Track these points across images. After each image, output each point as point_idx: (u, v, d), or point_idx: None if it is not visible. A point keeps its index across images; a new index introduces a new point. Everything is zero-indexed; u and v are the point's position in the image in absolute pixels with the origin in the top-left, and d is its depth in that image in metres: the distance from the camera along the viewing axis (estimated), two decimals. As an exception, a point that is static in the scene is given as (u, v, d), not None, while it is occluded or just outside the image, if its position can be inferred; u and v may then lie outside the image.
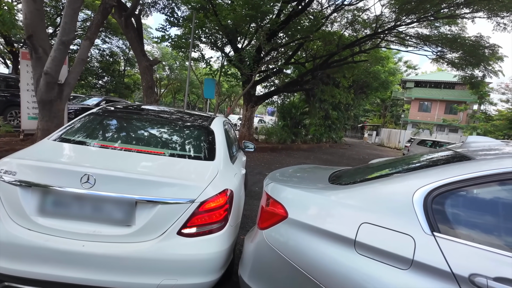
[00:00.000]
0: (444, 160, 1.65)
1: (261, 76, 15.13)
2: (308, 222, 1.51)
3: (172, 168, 2.04)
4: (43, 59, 6.08)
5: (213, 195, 1.84)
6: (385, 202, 1.42)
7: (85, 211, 1.76)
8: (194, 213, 1.78)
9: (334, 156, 15.32)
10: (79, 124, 2.53)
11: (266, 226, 1.69)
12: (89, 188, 1.71)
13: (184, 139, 2.57)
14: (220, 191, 1.91)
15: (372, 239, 1.35)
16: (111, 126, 2.66)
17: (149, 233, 1.73)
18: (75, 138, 2.32)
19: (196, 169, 2.10)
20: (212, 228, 1.85)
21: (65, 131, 2.41)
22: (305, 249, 1.48)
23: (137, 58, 9.08)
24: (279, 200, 1.68)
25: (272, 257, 1.60)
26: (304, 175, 2.26)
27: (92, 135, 2.43)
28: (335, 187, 1.70)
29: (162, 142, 2.45)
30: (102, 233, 1.72)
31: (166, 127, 2.69)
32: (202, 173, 2.04)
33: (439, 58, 15.25)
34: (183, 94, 37.36)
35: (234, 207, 2.11)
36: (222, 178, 2.09)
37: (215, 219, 1.85)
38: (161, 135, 2.57)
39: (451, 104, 35.18)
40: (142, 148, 2.26)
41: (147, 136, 2.53)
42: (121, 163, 2.01)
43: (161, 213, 1.74)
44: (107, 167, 1.82)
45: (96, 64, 24.76)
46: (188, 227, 1.77)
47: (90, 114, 2.70)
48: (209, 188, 1.86)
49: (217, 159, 2.28)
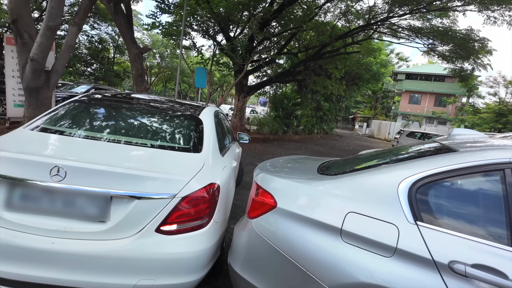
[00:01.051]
0: (429, 151, 1.69)
1: (254, 66, 15.02)
2: (297, 212, 1.54)
3: (153, 161, 1.93)
4: (28, 45, 5.90)
5: (196, 190, 1.74)
6: (371, 192, 1.45)
7: (55, 206, 1.65)
8: (174, 209, 1.68)
9: (325, 147, 15.45)
10: (59, 112, 2.38)
11: (255, 215, 1.72)
12: (59, 181, 1.59)
13: (170, 130, 2.42)
14: (205, 185, 1.81)
15: (358, 228, 1.38)
16: (92, 115, 2.50)
17: (125, 230, 1.63)
18: (52, 127, 2.17)
19: (181, 161, 1.99)
20: (195, 225, 1.75)
21: (43, 120, 2.26)
22: (293, 237, 1.51)
23: (127, 45, 8.89)
24: (268, 190, 1.70)
25: (261, 246, 1.63)
26: (294, 165, 2.29)
27: (71, 124, 2.27)
28: (323, 177, 1.73)
29: (146, 132, 2.31)
30: (74, 230, 1.61)
31: (152, 117, 2.54)
32: (186, 165, 1.93)
33: (430, 50, 15.37)
34: (174, 83, 36.85)
35: (221, 202, 2.00)
36: (209, 171, 1.98)
37: (198, 215, 1.76)
38: (145, 125, 2.43)
39: (440, 96, 35.67)
40: (123, 138, 2.12)
41: (131, 126, 2.37)
42: (97, 154, 1.88)
43: (138, 208, 1.64)
44: (80, 159, 1.71)
45: (84, 51, 24.18)
46: (168, 224, 1.68)
47: (72, 101, 2.54)
48: (192, 182, 1.75)
49: (204, 151, 2.17)
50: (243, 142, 4.50)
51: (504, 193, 1.25)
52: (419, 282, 1.21)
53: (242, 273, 1.69)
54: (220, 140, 2.72)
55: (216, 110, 3.17)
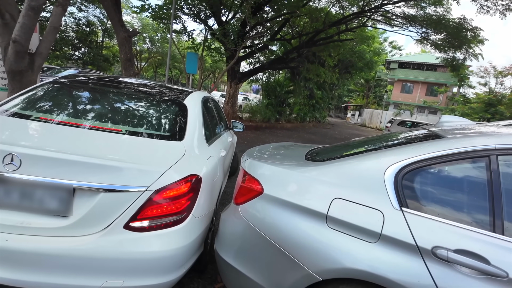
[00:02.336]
0: (417, 138, 1.69)
1: (246, 52, 14.79)
2: (283, 198, 1.53)
3: (126, 149, 1.76)
4: (10, 26, 5.65)
5: (172, 182, 1.59)
6: (357, 179, 1.44)
7: (10, 199, 1.48)
8: (146, 203, 1.51)
9: (317, 135, 15.50)
10: (30, 94, 2.19)
11: (242, 201, 1.70)
12: (13, 171, 1.43)
13: (150, 116, 2.23)
14: (184, 176, 1.66)
15: (343, 214, 1.38)
16: (66, 98, 2.30)
17: (89, 226, 1.48)
18: (19, 110, 1.98)
19: (158, 150, 1.82)
20: (170, 221, 1.59)
21: (11, 103, 2.08)
22: (279, 223, 1.50)
23: (115, 28, 8.60)
24: (255, 176, 1.68)
25: (247, 232, 1.61)
26: (282, 152, 2.26)
27: (41, 108, 2.08)
28: (310, 163, 1.71)
29: (123, 118, 2.12)
30: (32, 225, 1.46)
31: (132, 101, 2.36)
32: (164, 154, 1.78)
33: (423, 39, 15.34)
34: (164, 68, 36.15)
35: (204, 195, 1.84)
36: (189, 161, 1.82)
37: (174, 210, 1.60)
38: (123, 110, 2.24)
39: (432, 86, 35.88)
40: (96, 124, 1.94)
41: (106, 110, 2.18)
42: (62, 141, 1.69)
43: (104, 202, 1.48)
44: (39, 146, 1.54)
45: (72, 34, 23.43)
46: (138, 219, 1.51)
47: (45, 83, 2.35)
48: (168, 173, 1.60)
49: (186, 139, 1.98)
50: (237, 131, 4.33)
51: (488, 180, 1.25)
52: (402, 267, 1.22)
53: (228, 259, 1.69)
54: (208, 128, 2.58)
55: (205, 96, 3.00)
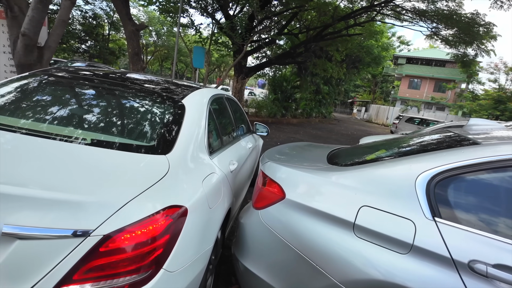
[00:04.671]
0: (447, 143, 1.61)
1: (253, 47, 14.68)
2: (306, 204, 1.47)
3: (76, 168, 1.23)
4: (19, 19, 5.64)
5: (134, 222, 1.06)
6: (386, 185, 1.38)
7: None
8: (88, 256, 1.00)
9: (323, 131, 15.38)
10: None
11: (262, 206, 1.65)
12: None
13: (135, 120, 1.71)
14: (155, 211, 1.13)
15: (372, 223, 1.32)
16: (30, 94, 1.82)
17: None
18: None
19: (128, 169, 1.29)
20: (124, 284, 1.05)
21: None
22: (302, 230, 1.45)
23: (123, 21, 8.55)
24: (276, 180, 1.62)
25: (268, 237, 1.57)
26: (301, 153, 2.20)
27: (7, 109, 1.65)
28: (335, 168, 1.65)
29: (92, 121, 1.62)
30: None
31: (114, 100, 1.89)
32: (132, 176, 1.25)
33: (434, 34, 15.05)
34: (170, 62, 36.07)
35: (188, 235, 1.28)
36: (171, 184, 1.30)
37: (132, 265, 1.06)
38: (97, 111, 1.74)
39: (440, 82, 35.41)
40: (53, 130, 1.46)
41: (76, 112, 1.69)
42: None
43: (21, 254, 0.97)
44: None
45: (78, 27, 23.39)
46: (74, 281, 0.99)
47: (21, 77, 1.98)
48: (130, 206, 1.08)
49: (175, 151, 1.48)
50: (260, 135, 3.75)
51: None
52: (436, 281, 1.16)
53: (247, 264, 1.64)
54: (216, 134, 2.16)
55: (215, 94, 2.44)
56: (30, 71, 6.00)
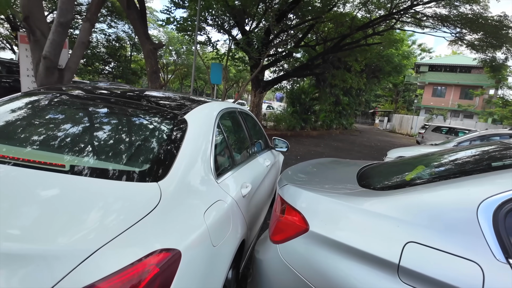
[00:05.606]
0: (510, 158, 1.30)
1: (270, 60, 14.62)
2: (335, 238, 1.20)
3: (41, 202, 1.00)
4: (41, 42, 5.79)
5: (108, 275, 0.82)
6: (438, 216, 1.08)
7: None
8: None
9: (344, 143, 14.89)
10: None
11: (280, 239, 1.38)
12: None
13: (122, 140, 1.47)
14: (135, 259, 0.88)
15: (422, 265, 1.03)
16: (14, 117, 1.59)
17: None
18: None
19: (105, 201, 1.05)
20: None
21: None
22: (331, 272, 1.17)
23: (141, 41, 8.69)
24: (297, 208, 1.36)
25: (288, 278, 1.29)
26: (326, 173, 1.92)
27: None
28: (369, 192, 1.36)
29: (74, 145, 1.37)
30: None
31: (103, 118, 1.64)
32: (109, 211, 1.00)
33: (458, 39, 14.43)
34: (190, 80, 36.96)
35: (186, 282, 1.02)
36: (161, 220, 1.05)
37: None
38: (84, 132, 1.49)
39: (466, 88, 33.91)
40: (26, 155, 1.23)
41: (55, 134, 1.44)
42: None
43: None
44: None
45: (102, 49, 24.45)
46: None
47: (6, 99, 1.78)
48: (101, 255, 0.84)
49: (170, 177, 1.23)
50: (280, 151, 3.46)
51: None
52: None
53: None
54: (227, 153, 1.91)
55: (226, 108, 2.17)
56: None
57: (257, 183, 2.23)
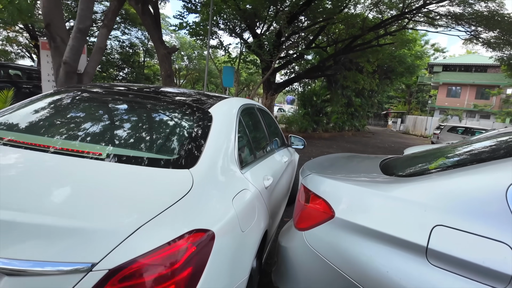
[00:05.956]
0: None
1: (281, 63, 14.68)
2: (362, 224, 1.22)
3: (86, 188, 1.07)
4: (61, 48, 6.01)
5: (147, 251, 0.87)
6: (465, 199, 1.09)
7: None
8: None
9: (357, 144, 14.76)
10: (18, 108, 1.76)
11: (306, 226, 1.41)
12: None
13: (154, 131, 1.59)
14: (173, 237, 0.93)
15: (451, 247, 1.04)
16: (55, 111, 1.77)
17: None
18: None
19: (143, 186, 1.13)
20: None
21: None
22: (358, 256, 1.19)
23: (155, 45, 8.92)
24: (322, 196, 1.39)
25: (316, 264, 1.32)
26: (347, 165, 1.94)
27: (18, 124, 1.59)
28: (393, 179, 1.38)
29: (112, 136, 1.51)
30: None
31: (138, 112, 1.79)
32: (148, 195, 1.08)
33: (473, 38, 14.15)
34: (202, 84, 37.39)
35: (218, 264, 1.07)
36: (194, 204, 1.10)
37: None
38: (119, 124, 1.64)
39: (482, 88, 33.15)
40: (67, 145, 1.33)
41: (94, 126, 1.57)
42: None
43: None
44: None
45: (116, 56, 25.03)
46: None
47: (42, 95, 1.93)
48: (142, 233, 0.89)
49: (201, 165, 1.30)
50: (296, 148, 3.50)
51: None
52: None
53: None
54: (248, 147, 1.97)
55: (246, 103, 2.26)
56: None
57: (277, 177, 2.28)
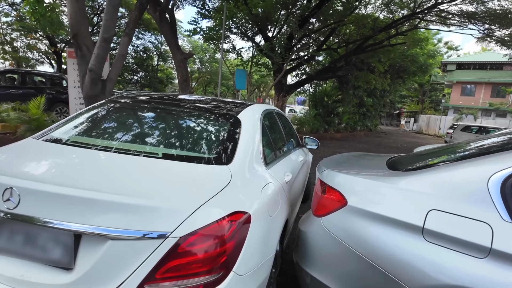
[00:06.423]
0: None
1: (292, 65, 14.90)
2: (370, 210, 1.47)
3: (154, 179, 1.38)
4: (87, 57, 6.41)
5: (205, 225, 1.14)
6: (455, 188, 1.33)
7: (12, 243, 1.22)
8: (168, 256, 1.10)
9: (370, 144, 14.83)
10: (80, 116, 2.09)
11: (323, 213, 1.67)
12: (12, 209, 1.17)
13: (196, 135, 1.92)
14: (222, 216, 1.20)
15: (443, 226, 1.28)
16: (112, 119, 2.12)
17: (95, 285, 1.11)
18: (60, 134, 1.86)
19: (194, 178, 1.42)
20: (199, 284, 1.12)
21: (57, 125, 2.00)
22: (367, 236, 1.44)
23: (172, 51, 9.30)
24: (336, 188, 1.65)
25: (332, 245, 1.57)
26: (358, 162, 2.20)
27: (81, 130, 1.93)
28: (396, 173, 1.63)
29: (163, 139, 1.86)
30: (32, 279, 1.15)
31: (178, 119, 2.11)
32: (199, 185, 1.37)
33: (487, 36, 14.03)
34: (213, 86, 37.91)
35: (253, 241, 1.34)
36: (235, 192, 1.40)
37: (206, 266, 1.13)
38: (166, 130, 2.00)
39: (498, 86, 32.44)
40: (130, 148, 1.67)
41: (148, 132, 1.95)
42: (76, 171, 1.42)
43: (113, 253, 1.11)
44: (42, 178, 1.29)
45: (131, 60, 25.73)
46: (156, 279, 1.09)
47: (96, 105, 2.26)
48: (201, 211, 1.17)
49: (235, 162, 1.58)
50: (310, 148, 3.80)
51: None
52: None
53: (313, 273, 1.65)
54: (270, 147, 2.24)
55: (267, 109, 2.56)
56: (95, 102, 6.67)
57: (295, 173, 2.57)
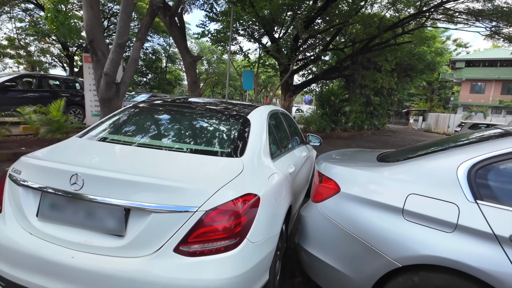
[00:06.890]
0: (489, 137, 1.76)
1: (299, 65, 15.09)
2: (360, 195, 1.73)
3: (182, 168, 1.76)
4: (102, 61, 6.75)
5: (224, 202, 1.50)
6: (430, 176, 1.58)
7: (77, 217, 1.59)
8: (197, 225, 1.44)
9: (377, 143, 14.92)
10: (111, 119, 2.47)
11: (320, 199, 1.93)
12: (77, 190, 1.53)
13: (213, 132, 2.32)
14: (237, 196, 1.56)
15: (419, 207, 1.53)
16: (138, 121, 2.55)
17: (141, 248, 1.46)
18: (98, 133, 2.24)
19: (214, 167, 1.80)
20: (221, 246, 1.48)
21: (94, 126, 2.36)
22: (357, 217, 1.70)
23: (181, 54, 9.63)
24: (331, 177, 1.91)
25: (327, 226, 1.84)
26: (352, 156, 2.46)
27: (116, 130, 2.33)
28: (383, 164, 1.88)
29: (185, 136, 2.29)
30: (93, 244, 1.51)
31: (198, 119, 2.52)
32: (218, 172, 1.74)
33: (494, 34, 14.00)
34: (220, 87, 38.32)
35: (263, 217, 1.68)
36: (247, 179, 1.74)
37: (226, 233, 1.48)
38: (187, 128, 2.41)
39: (508, 83, 32.04)
40: (160, 144, 2.09)
41: (171, 131, 2.38)
42: (122, 161, 1.88)
43: (155, 223, 1.46)
44: (100, 166, 1.68)
45: (140, 62, 26.24)
46: (188, 243, 1.45)
47: (126, 108, 2.66)
48: (221, 192, 1.53)
49: (246, 155, 1.93)
50: (314, 145, 4.19)
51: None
52: (480, 253, 1.33)
53: (311, 250, 1.92)
54: (275, 143, 2.56)
55: (273, 110, 2.93)
56: (110, 104, 6.93)
57: (298, 167, 2.89)
